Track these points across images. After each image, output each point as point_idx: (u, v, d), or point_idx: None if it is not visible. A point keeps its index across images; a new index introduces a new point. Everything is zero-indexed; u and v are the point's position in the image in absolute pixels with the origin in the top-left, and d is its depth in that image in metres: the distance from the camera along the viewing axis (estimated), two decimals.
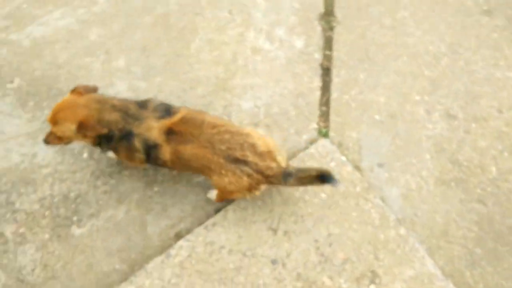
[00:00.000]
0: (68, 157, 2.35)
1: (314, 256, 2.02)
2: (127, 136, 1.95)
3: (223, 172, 1.91)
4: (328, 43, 2.79)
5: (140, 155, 2.00)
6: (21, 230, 2.18)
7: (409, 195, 2.26)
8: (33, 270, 2.07)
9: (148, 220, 2.18)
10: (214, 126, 1.92)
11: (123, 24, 2.77)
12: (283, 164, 1.93)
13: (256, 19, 2.86)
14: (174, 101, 2.51)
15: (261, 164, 1.89)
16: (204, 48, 2.73)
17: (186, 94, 2.55)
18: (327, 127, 2.47)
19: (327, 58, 2.73)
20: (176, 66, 2.65)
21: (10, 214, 2.23)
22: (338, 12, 2.92)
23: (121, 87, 2.54)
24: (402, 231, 2.09)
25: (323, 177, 1.90)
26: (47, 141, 2.04)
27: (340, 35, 2.82)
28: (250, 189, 1.95)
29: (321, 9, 2.92)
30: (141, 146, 1.97)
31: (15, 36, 2.68)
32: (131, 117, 1.95)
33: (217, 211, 2.18)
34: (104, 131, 1.93)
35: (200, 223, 2.14)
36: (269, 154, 1.91)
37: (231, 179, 1.91)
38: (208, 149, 1.89)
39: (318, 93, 2.59)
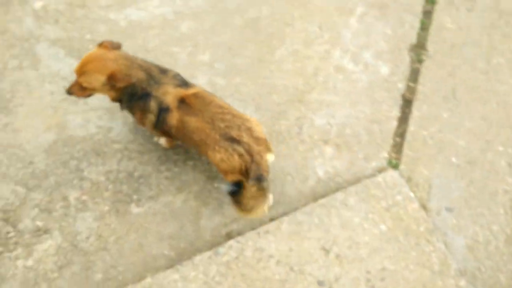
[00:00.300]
0: (139, 138, 2.43)
1: (364, 287, 1.94)
2: (145, 96, 2.05)
3: (216, 148, 1.98)
4: (414, 75, 2.71)
5: (152, 117, 2.08)
6: (84, 197, 2.27)
7: (475, 247, 2.12)
8: (87, 237, 2.14)
9: (203, 213, 2.20)
10: (220, 107, 2.02)
11: (214, 22, 2.84)
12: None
13: (345, 39, 2.83)
14: (249, 103, 2.55)
15: (255, 147, 1.95)
16: (288, 58, 2.74)
17: (262, 99, 2.56)
18: (398, 159, 2.38)
19: (411, 90, 2.65)
20: (258, 70, 2.68)
21: (77, 181, 2.33)
22: (430, 46, 2.83)
23: (201, 80, 2.59)
24: (462, 283, 1.96)
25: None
26: (70, 91, 2.11)
27: (428, 69, 2.73)
28: (241, 172, 1.97)
29: (413, 40, 2.85)
30: (155, 108, 2.05)
31: (114, 15, 2.82)
32: (152, 79, 2.05)
33: (272, 219, 2.16)
34: (133, 81, 2.02)
35: (253, 228, 2.13)
36: (265, 142, 2.00)
37: (223, 156, 1.97)
38: (208, 124, 1.99)
39: (394, 123, 2.51)
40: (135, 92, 2.05)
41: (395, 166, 2.34)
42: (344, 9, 2.96)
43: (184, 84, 2.09)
